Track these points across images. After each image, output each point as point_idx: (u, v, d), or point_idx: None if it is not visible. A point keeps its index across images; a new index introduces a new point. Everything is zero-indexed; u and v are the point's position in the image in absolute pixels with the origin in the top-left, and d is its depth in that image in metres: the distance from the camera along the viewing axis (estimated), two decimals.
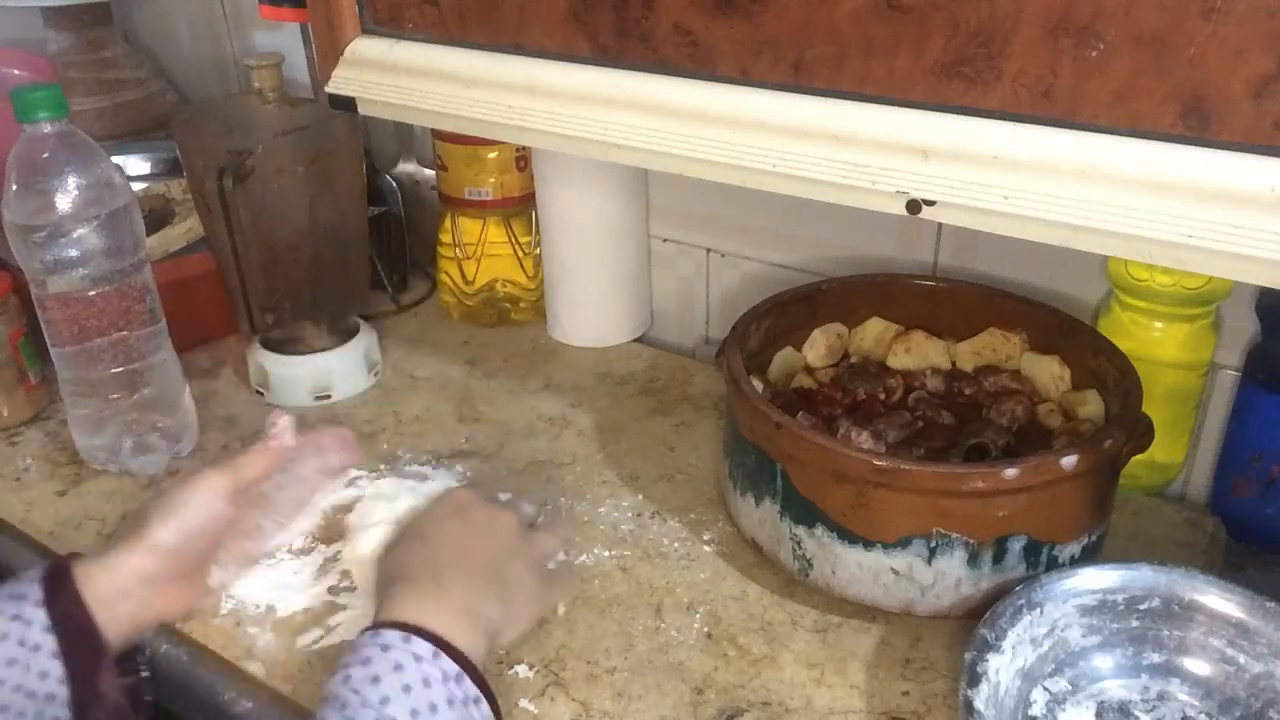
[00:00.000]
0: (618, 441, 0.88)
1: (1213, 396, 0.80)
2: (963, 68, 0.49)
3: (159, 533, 0.62)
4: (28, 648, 0.57)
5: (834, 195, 0.55)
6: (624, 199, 0.99)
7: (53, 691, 0.58)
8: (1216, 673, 0.62)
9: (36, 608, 0.58)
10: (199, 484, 0.64)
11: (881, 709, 0.63)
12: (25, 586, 0.59)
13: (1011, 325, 0.81)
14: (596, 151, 0.62)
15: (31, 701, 0.57)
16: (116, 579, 0.61)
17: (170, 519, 0.63)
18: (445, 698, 0.52)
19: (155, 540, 0.62)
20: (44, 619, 0.58)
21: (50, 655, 0.58)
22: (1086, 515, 0.67)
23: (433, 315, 1.11)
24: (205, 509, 0.64)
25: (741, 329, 0.78)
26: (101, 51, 1.26)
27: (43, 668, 0.57)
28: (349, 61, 0.71)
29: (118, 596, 0.61)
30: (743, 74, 0.56)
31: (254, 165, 0.85)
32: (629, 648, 0.68)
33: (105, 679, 0.59)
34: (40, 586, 0.59)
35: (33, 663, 0.57)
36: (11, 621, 0.58)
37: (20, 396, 0.93)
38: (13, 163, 0.76)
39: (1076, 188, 0.48)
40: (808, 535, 0.69)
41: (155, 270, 0.85)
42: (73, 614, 0.59)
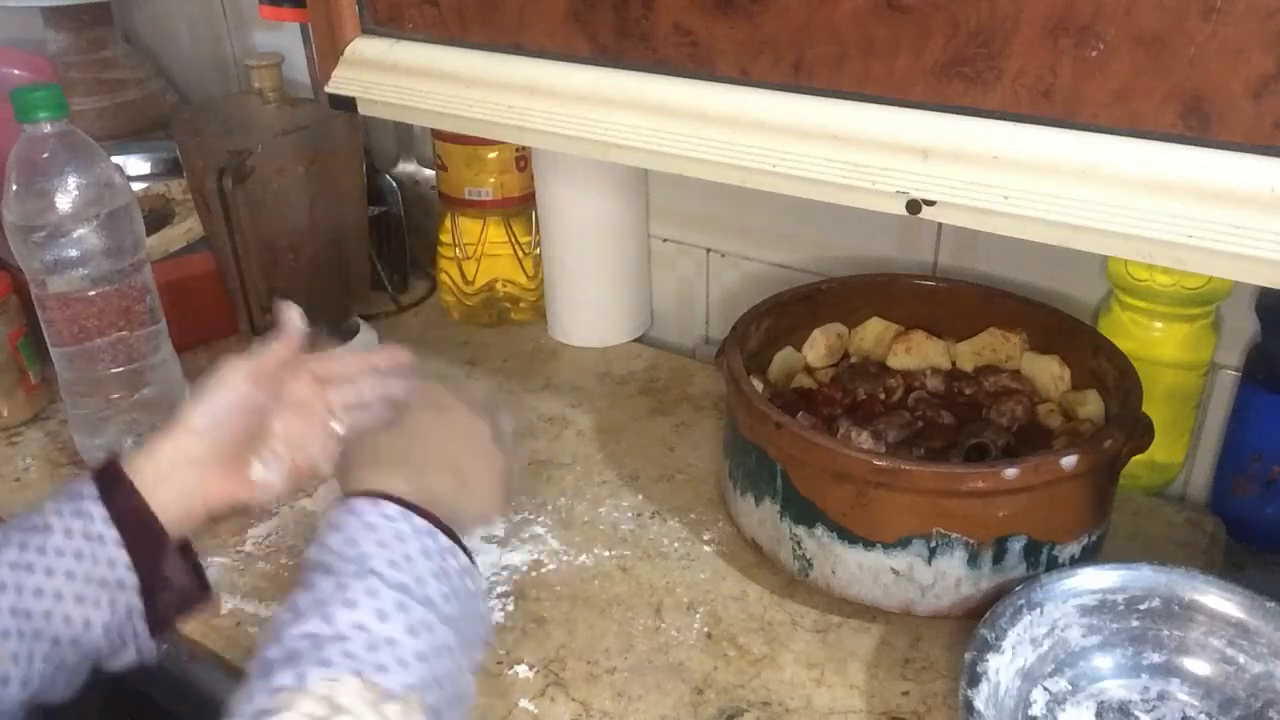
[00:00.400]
0: (618, 441, 0.88)
1: (1213, 396, 0.80)
2: (963, 68, 0.49)
3: (191, 416, 0.64)
4: (93, 540, 0.60)
5: (834, 195, 0.55)
6: (624, 199, 0.99)
7: (122, 578, 0.60)
8: (1216, 673, 0.62)
9: (94, 503, 0.60)
10: (223, 368, 0.66)
11: (881, 709, 0.63)
12: (80, 484, 0.61)
13: (1011, 325, 0.81)
14: (596, 151, 0.62)
15: (105, 590, 0.60)
16: (159, 464, 0.63)
17: (200, 402, 0.65)
18: (420, 549, 0.54)
19: (189, 422, 0.64)
20: (103, 512, 0.60)
21: (115, 545, 0.60)
22: (1086, 515, 0.67)
23: (433, 315, 1.11)
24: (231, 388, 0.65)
25: (741, 329, 0.78)
26: (101, 51, 1.26)
27: (110, 556, 0.60)
28: (349, 61, 0.71)
29: (163, 480, 0.63)
30: (743, 74, 0.56)
31: (254, 165, 0.85)
32: (629, 648, 0.68)
33: (169, 563, 0.62)
34: (94, 485, 0.61)
35: (100, 554, 0.60)
36: (74, 518, 0.60)
37: (20, 396, 0.93)
38: (13, 163, 0.76)
39: (1076, 188, 0.48)
40: (808, 535, 0.69)
41: (155, 270, 0.85)
42: (128, 503, 0.61)
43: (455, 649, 0.52)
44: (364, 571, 0.52)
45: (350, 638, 0.49)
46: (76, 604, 0.59)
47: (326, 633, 0.49)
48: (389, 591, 0.51)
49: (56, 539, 0.60)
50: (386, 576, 0.52)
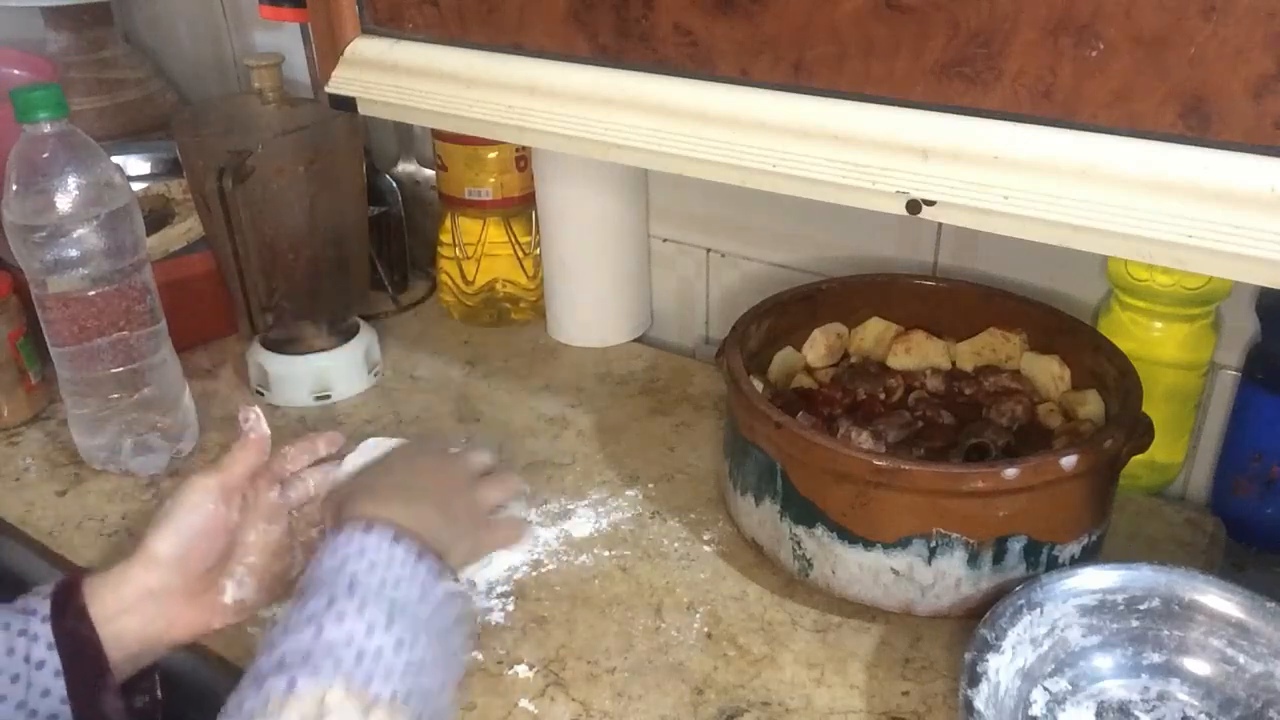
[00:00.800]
0: (618, 441, 0.88)
1: (1213, 396, 0.80)
2: (963, 68, 0.49)
3: (155, 543, 0.62)
4: (32, 664, 0.57)
5: (834, 195, 0.55)
6: (624, 199, 0.99)
7: (55, 711, 0.58)
8: (1216, 673, 0.62)
9: (42, 623, 0.58)
10: (187, 488, 0.64)
11: (881, 709, 0.63)
12: (36, 602, 0.59)
13: (1011, 325, 0.81)
14: (596, 151, 0.62)
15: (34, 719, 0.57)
16: (120, 595, 0.60)
17: (164, 528, 0.62)
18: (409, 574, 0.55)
19: (153, 551, 0.62)
20: (48, 634, 0.58)
21: (53, 673, 0.57)
22: (1086, 515, 0.67)
23: (433, 315, 1.11)
24: (197, 512, 0.63)
25: (741, 329, 0.78)
26: (101, 51, 1.26)
27: (45, 685, 0.57)
28: (349, 61, 0.71)
29: (123, 613, 0.60)
30: (743, 74, 0.56)
31: (254, 165, 0.85)
32: (629, 648, 0.68)
33: (108, 699, 0.59)
34: (48, 603, 0.59)
35: (35, 680, 0.57)
36: (18, 637, 0.58)
37: (20, 396, 0.93)
38: (13, 163, 0.76)
39: (1076, 188, 0.48)
40: (808, 535, 0.69)
41: (155, 270, 0.85)
42: (76, 631, 0.59)
43: (438, 666, 0.53)
44: (354, 589, 0.53)
45: (339, 649, 0.50)
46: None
47: (317, 644, 0.50)
48: (377, 609, 0.52)
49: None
50: (375, 595, 0.53)
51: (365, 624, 0.51)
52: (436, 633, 0.54)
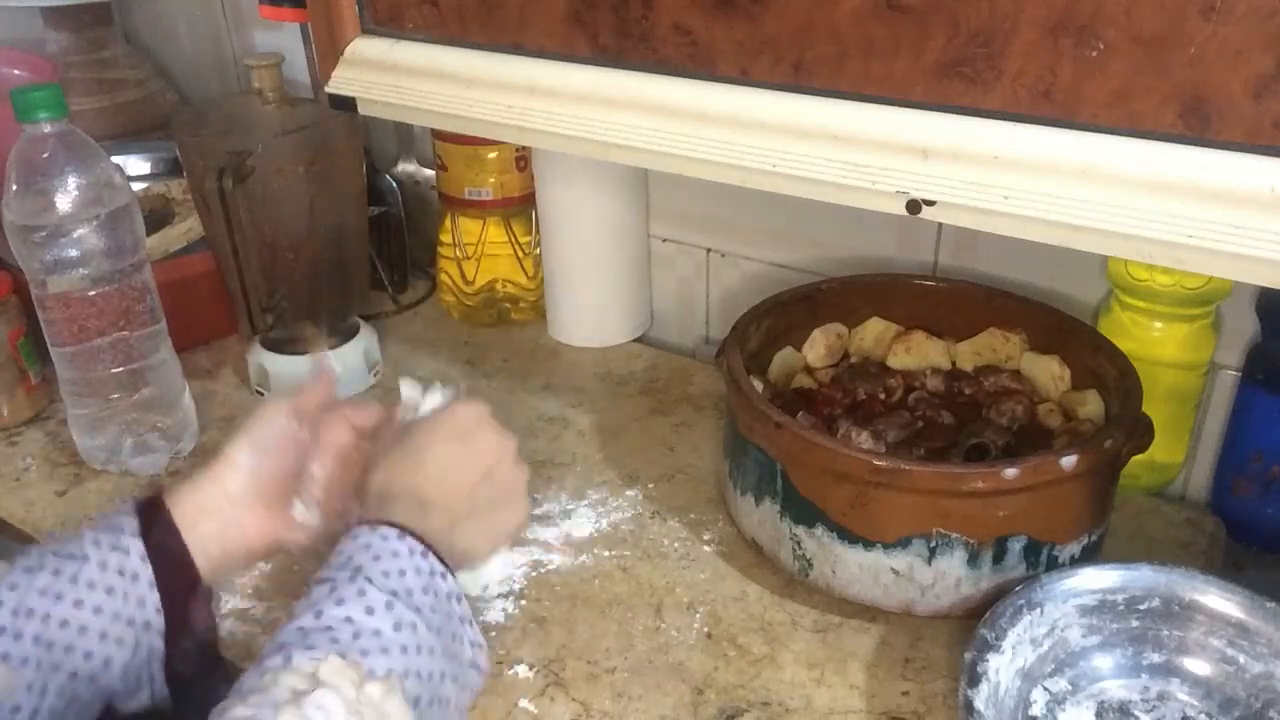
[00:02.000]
0: (618, 441, 0.88)
1: (1213, 396, 0.80)
2: (963, 68, 0.49)
3: (235, 451, 0.66)
4: (127, 576, 0.60)
5: (834, 195, 0.55)
6: (624, 199, 0.99)
7: (149, 620, 0.60)
8: (1216, 673, 0.62)
9: (133, 537, 0.61)
10: (263, 409, 0.68)
11: (881, 709, 0.63)
12: (121, 517, 0.62)
13: (1011, 325, 0.81)
14: (596, 151, 0.62)
15: (131, 629, 0.60)
16: (203, 498, 0.64)
17: (243, 437, 0.66)
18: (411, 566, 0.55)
19: (232, 457, 0.65)
20: (140, 548, 0.60)
21: (148, 585, 0.60)
22: (1086, 515, 0.67)
23: (433, 315, 1.11)
24: (271, 425, 0.67)
25: (741, 329, 0.78)
26: (101, 51, 1.26)
27: (140, 596, 0.60)
28: (349, 61, 0.71)
29: (203, 516, 0.63)
30: (743, 74, 0.56)
31: (254, 165, 0.85)
32: (629, 648, 0.68)
33: (197, 608, 0.62)
34: (135, 517, 0.62)
35: (131, 591, 0.60)
36: (111, 552, 0.60)
37: (20, 396, 0.93)
38: (13, 163, 0.76)
39: (1076, 188, 0.48)
40: (808, 535, 0.69)
41: (155, 270, 0.85)
42: (167, 542, 0.62)
43: (439, 655, 0.54)
44: (356, 576, 0.54)
45: (337, 628, 0.51)
46: (100, 640, 0.59)
47: (315, 625, 0.51)
48: (378, 593, 0.53)
49: (90, 570, 0.60)
50: (377, 581, 0.53)
51: (364, 606, 0.52)
52: (439, 625, 0.55)
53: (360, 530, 0.57)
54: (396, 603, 0.53)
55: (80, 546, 0.61)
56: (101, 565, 0.60)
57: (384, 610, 0.52)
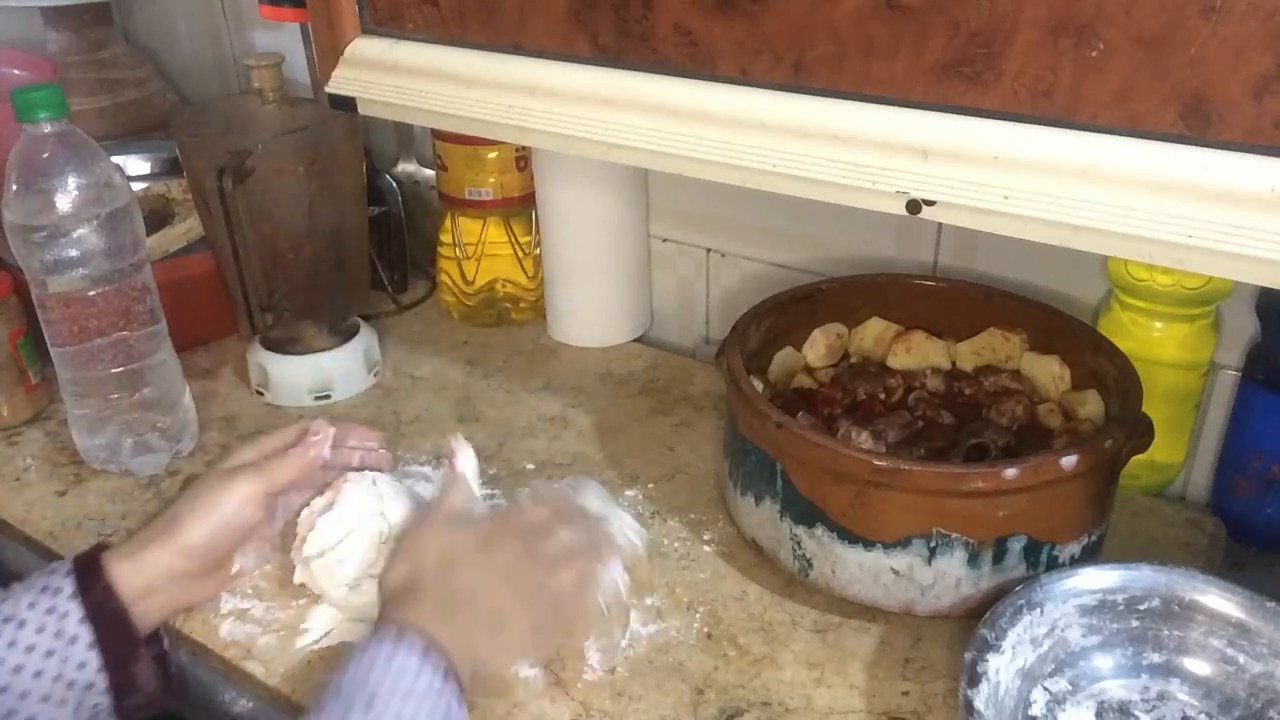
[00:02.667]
0: (618, 441, 0.88)
1: (1213, 396, 0.80)
2: (963, 68, 0.49)
3: (192, 534, 0.65)
4: (65, 640, 0.60)
5: (834, 195, 0.55)
6: (624, 199, 0.99)
7: (91, 680, 0.60)
8: (1216, 673, 0.62)
9: (70, 599, 0.61)
10: (234, 489, 0.67)
11: (881, 709, 0.63)
12: (58, 580, 0.62)
13: (1011, 325, 0.81)
14: (596, 151, 0.62)
15: (72, 691, 0.60)
16: (147, 576, 0.64)
17: (203, 522, 0.66)
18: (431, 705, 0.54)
19: (188, 541, 0.65)
20: (79, 611, 0.60)
21: (86, 646, 0.60)
22: (1086, 515, 0.67)
23: (433, 315, 1.11)
24: (238, 514, 0.67)
25: (741, 329, 0.78)
26: (101, 51, 1.26)
27: (81, 659, 0.60)
28: (349, 61, 0.71)
29: (148, 593, 0.64)
30: (743, 74, 0.56)
31: (254, 165, 0.85)
32: (629, 648, 0.68)
33: (141, 666, 0.62)
34: (73, 580, 0.61)
35: (71, 654, 0.60)
36: (47, 615, 0.60)
37: (20, 396, 0.93)
38: (13, 163, 0.76)
39: (1076, 188, 0.48)
40: (808, 535, 0.69)
41: (155, 270, 0.85)
42: (106, 605, 0.62)
43: None
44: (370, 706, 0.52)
45: None
46: (42, 703, 0.59)
47: None
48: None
49: (28, 634, 0.59)
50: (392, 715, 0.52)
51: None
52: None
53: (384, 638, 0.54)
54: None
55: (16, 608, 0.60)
56: (39, 628, 0.59)
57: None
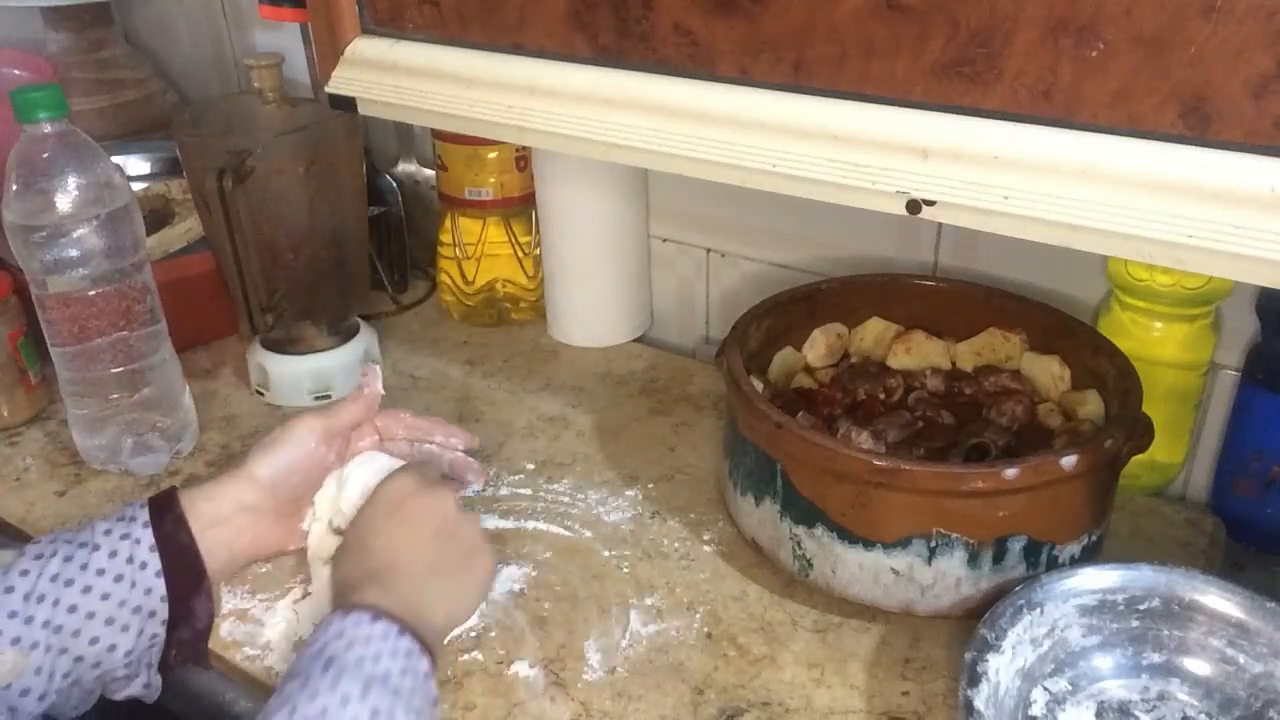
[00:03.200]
0: (618, 441, 0.88)
1: (1213, 396, 0.80)
2: (963, 68, 0.49)
3: (257, 465, 0.68)
4: (135, 564, 0.62)
5: (834, 195, 0.55)
6: (624, 199, 0.99)
7: (155, 608, 0.62)
8: (1216, 673, 0.62)
9: (144, 528, 0.63)
10: (297, 424, 0.70)
11: (881, 709, 0.63)
12: (134, 510, 0.64)
13: (1011, 325, 0.81)
14: (596, 151, 0.62)
15: (136, 616, 0.62)
16: (216, 506, 0.66)
17: (268, 453, 0.68)
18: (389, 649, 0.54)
19: (253, 472, 0.67)
20: (150, 538, 0.63)
21: (154, 574, 0.62)
22: (1086, 515, 0.67)
23: (433, 315, 1.11)
24: (300, 446, 0.69)
25: (741, 329, 0.78)
26: (101, 51, 1.26)
27: (148, 585, 0.62)
28: (349, 61, 0.71)
29: (217, 522, 0.66)
30: (743, 74, 0.56)
31: (254, 165, 0.85)
32: (629, 648, 0.68)
33: (200, 600, 0.64)
34: (147, 511, 0.64)
35: (139, 580, 0.62)
36: (121, 540, 0.62)
37: (20, 396, 0.93)
38: (13, 163, 0.76)
39: (1076, 188, 0.48)
40: (808, 535, 0.69)
41: (155, 270, 0.85)
42: (175, 536, 0.64)
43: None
44: (330, 666, 0.52)
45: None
46: (106, 626, 0.61)
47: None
48: (353, 681, 0.52)
49: (100, 558, 0.61)
50: (351, 670, 0.52)
51: (339, 696, 0.51)
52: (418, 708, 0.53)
53: (332, 618, 0.56)
54: (373, 687, 0.52)
55: (91, 535, 0.62)
56: (111, 553, 0.62)
57: (359, 699, 0.51)
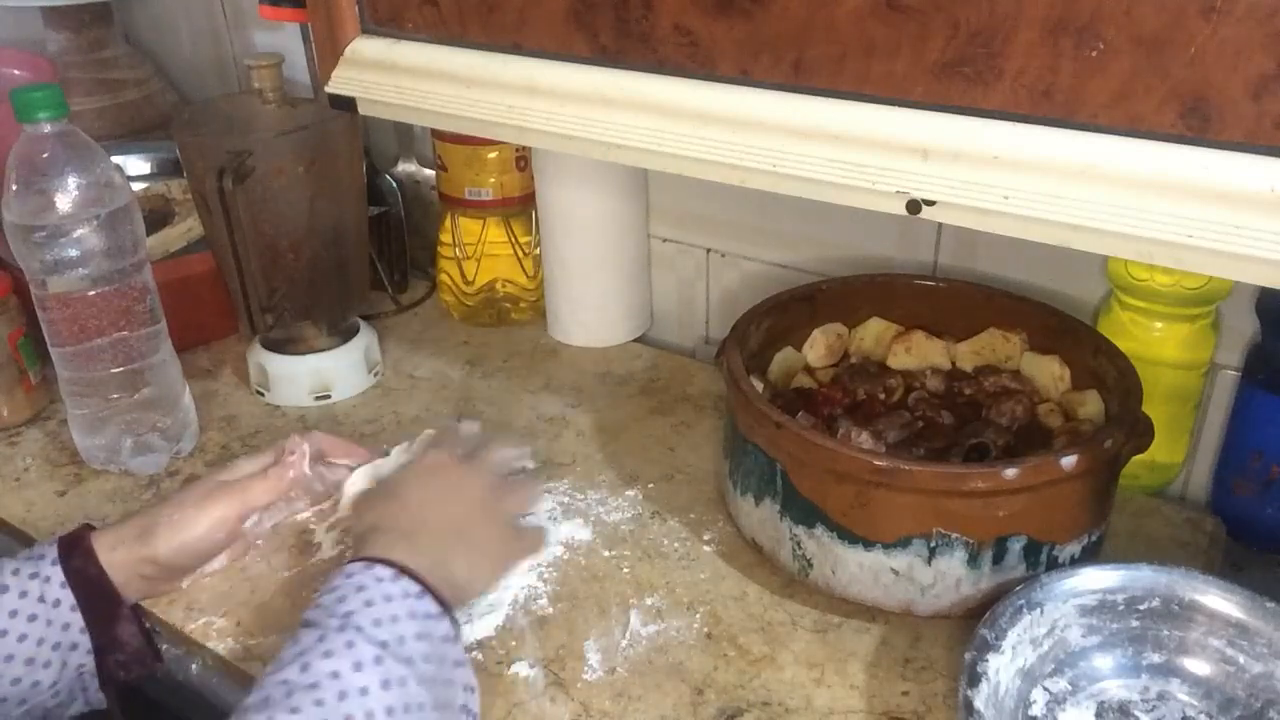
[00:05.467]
0: (618, 441, 0.88)
1: (1213, 396, 0.80)
2: (963, 68, 0.49)
3: (160, 547, 0.67)
4: (48, 603, 0.62)
5: (834, 195, 0.55)
6: (624, 199, 0.99)
7: (75, 641, 0.62)
8: (1216, 673, 0.62)
9: (52, 565, 0.63)
10: (209, 512, 0.69)
11: (881, 709, 0.63)
12: (43, 549, 0.64)
13: (1011, 325, 0.81)
14: (596, 151, 0.62)
15: (56, 652, 0.62)
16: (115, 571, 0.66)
17: (174, 534, 0.68)
18: (406, 611, 0.54)
19: (154, 553, 0.67)
20: (60, 575, 0.63)
21: (69, 609, 0.62)
22: (1086, 515, 0.67)
23: (433, 315, 1.11)
24: (207, 536, 0.69)
25: (741, 329, 0.78)
26: (101, 51, 1.26)
27: (64, 620, 0.62)
28: (349, 61, 0.71)
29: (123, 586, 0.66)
30: (743, 74, 0.56)
31: (254, 165, 0.85)
32: (629, 648, 0.68)
33: (123, 627, 0.65)
34: (55, 549, 0.64)
35: (54, 617, 0.62)
36: (30, 580, 0.62)
37: (20, 396, 0.93)
38: (13, 163, 0.76)
39: (1076, 188, 0.48)
40: (808, 535, 0.69)
41: (155, 270, 0.85)
42: (85, 569, 0.64)
43: (429, 708, 0.52)
44: (346, 626, 0.52)
45: (323, 685, 0.50)
46: (26, 666, 0.61)
47: (301, 681, 0.50)
48: (368, 645, 0.52)
49: (11, 600, 0.62)
50: (368, 632, 0.52)
51: (353, 660, 0.51)
52: (432, 674, 0.53)
53: (355, 568, 0.56)
54: (386, 656, 0.52)
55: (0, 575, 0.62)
56: (22, 594, 0.62)
57: (373, 665, 0.51)
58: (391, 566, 0.56)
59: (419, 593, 0.55)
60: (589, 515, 0.80)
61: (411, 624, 0.54)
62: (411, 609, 0.54)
